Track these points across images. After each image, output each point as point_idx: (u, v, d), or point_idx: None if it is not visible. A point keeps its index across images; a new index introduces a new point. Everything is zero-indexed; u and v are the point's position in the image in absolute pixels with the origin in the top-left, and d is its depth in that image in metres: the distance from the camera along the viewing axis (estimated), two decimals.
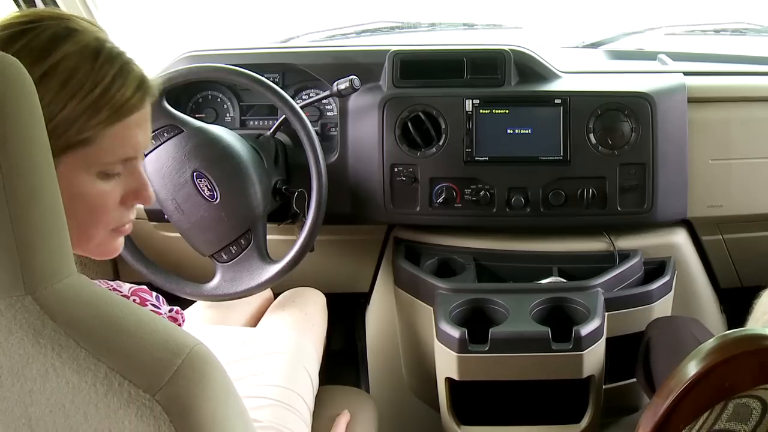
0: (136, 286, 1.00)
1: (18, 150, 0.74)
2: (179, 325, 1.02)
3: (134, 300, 0.98)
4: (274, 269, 1.72)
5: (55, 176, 0.79)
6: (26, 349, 0.75)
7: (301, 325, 1.73)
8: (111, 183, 0.96)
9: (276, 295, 1.90)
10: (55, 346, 0.75)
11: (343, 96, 1.84)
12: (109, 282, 0.97)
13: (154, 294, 1.01)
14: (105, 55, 0.93)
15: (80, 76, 0.91)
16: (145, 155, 1.71)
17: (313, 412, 1.60)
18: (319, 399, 1.65)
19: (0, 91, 0.73)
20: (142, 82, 0.96)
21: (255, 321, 1.85)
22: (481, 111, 1.81)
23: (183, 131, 1.70)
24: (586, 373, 1.65)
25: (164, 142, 1.71)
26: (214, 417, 0.80)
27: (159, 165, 1.71)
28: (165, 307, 1.01)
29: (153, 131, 1.71)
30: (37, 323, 0.75)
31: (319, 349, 1.74)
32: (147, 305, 0.98)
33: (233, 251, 1.73)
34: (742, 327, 1.32)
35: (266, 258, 1.74)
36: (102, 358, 0.75)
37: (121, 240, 1.02)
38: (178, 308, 1.03)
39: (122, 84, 0.94)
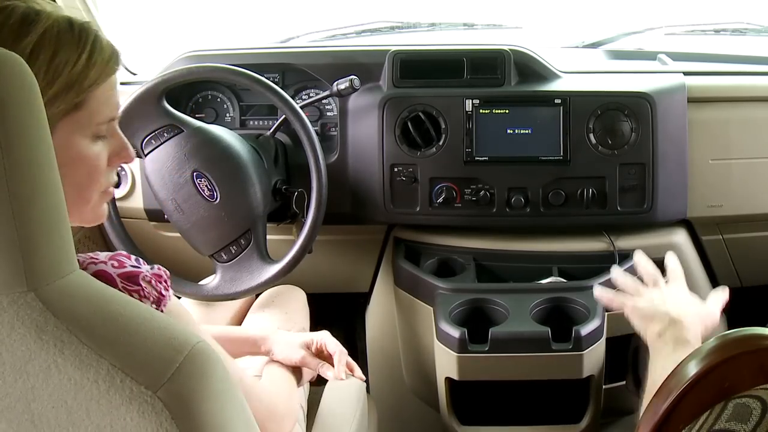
0: (112, 253, 1.02)
1: (21, 147, 0.74)
2: (165, 281, 1.03)
3: (112, 264, 0.99)
4: (274, 269, 1.72)
5: (57, 174, 0.79)
6: (29, 346, 0.75)
7: (282, 325, 1.72)
8: (100, 144, 1.02)
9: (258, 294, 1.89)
10: (57, 342, 0.75)
11: (343, 96, 1.84)
12: (85, 255, 0.99)
13: (133, 257, 1.03)
14: (77, 24, 0.99)
15: (66, 45, 0.96)
16: (145, 155, 1.72)
17: (314, 409, 1.61)
18: (318, 397, 1.65)
19: (3, 88, 0.73)
20: (113, 46, 1.03)
21: (239, 319, 1.84)
22: (481, 111, 1.81)
23: (183, 131, 1.71)
24: (586, 373, 1.65)
25: (164, 142, 1.71)
26: (216, 414, 0.80)
27: (159, 165, 1.71)
28: (146, 266, 1.02)
29: (153, 131, 1.71)
30: (40, 320, 0.75)
31: None
32: (126, 266, 1.00)
33: (233, 251, 1.73)
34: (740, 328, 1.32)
35: (266, 258, 1.74)
36: (104, 354, 0.75)
37: (106, 205, 1.09)
38: (160, 266, 1.05)
39: (101, 47, 1.00)
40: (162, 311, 1.01)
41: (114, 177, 1.08)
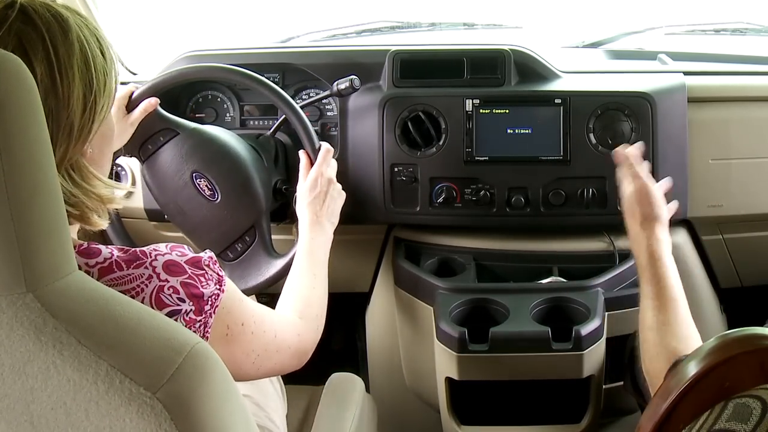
0: (171, 244, 1.03)
1: (20, 148, 0.74)
2: (216, 263, 1.04)
3: (176, 253, 0.99)
4: (281, 263, 1.70)
5: (56, 174, 0.79)
6: (28, 347, 0.75)
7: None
8: None
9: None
10: (56, 343, 0.75)
11: (343, 96, 1.84)
12: (150, 248, 0.99)
13: (185, 246, 1.04)
14: (89, 21, 1.04)
15: (99, 42, 1.02)
16: (144, 161, 1.72)
17: (314, 409, 1.61)
18: (318, 397, 1.65)
19: (2, 89, 0.73)
20: None
21: None
22: (481, 111, 1.81)
23: (178, 134, 1.70)
24: (586, 373, 1.65)
25: (161, 146, 1.70)
26: (215, 414, 0.80)
27: (158, 169, 1.70)
28: (201, 253, 1.03)
29: (149, 136, 1.71)
30: (39, 321, 0.75)
31: None
32: (188, 254, 1.01)
33: (239, 249, 1.72)
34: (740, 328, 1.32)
35: (272, 253, 1.73)
36: (103, 355, 0.75)
37: None
38: (207, 249, 1.06)
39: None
40: (223, 291, 1.03)
41: None
